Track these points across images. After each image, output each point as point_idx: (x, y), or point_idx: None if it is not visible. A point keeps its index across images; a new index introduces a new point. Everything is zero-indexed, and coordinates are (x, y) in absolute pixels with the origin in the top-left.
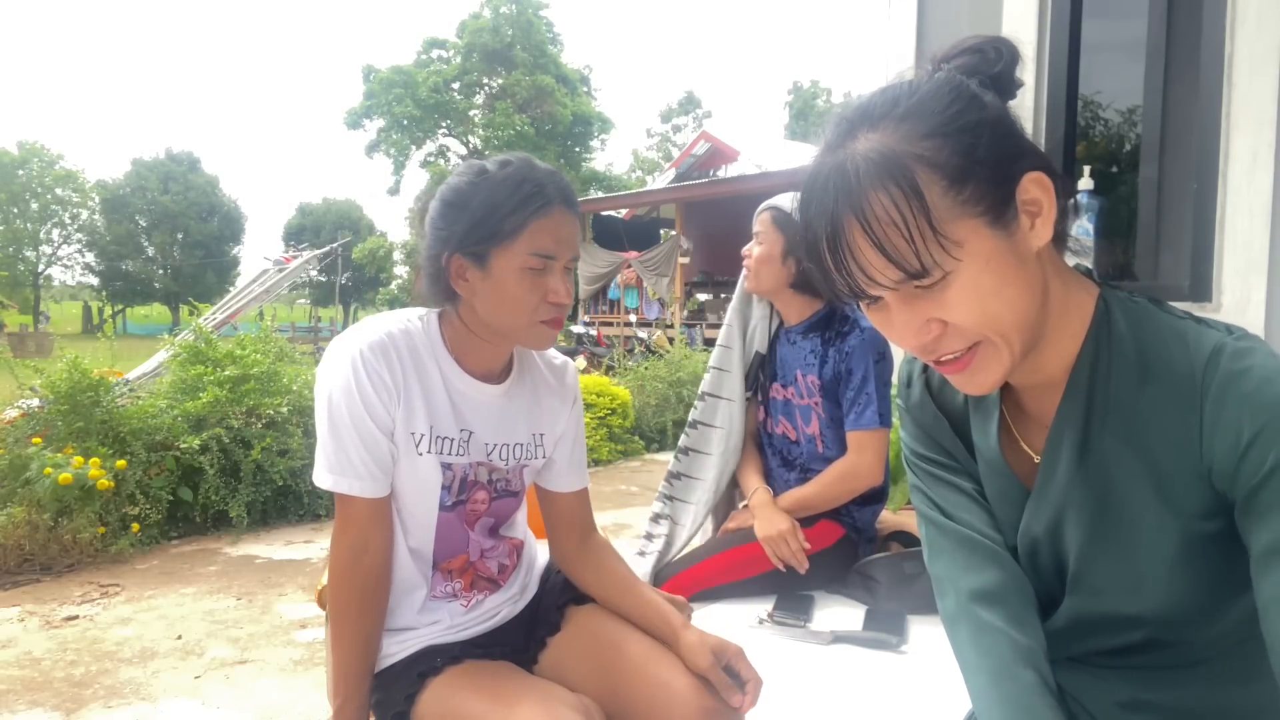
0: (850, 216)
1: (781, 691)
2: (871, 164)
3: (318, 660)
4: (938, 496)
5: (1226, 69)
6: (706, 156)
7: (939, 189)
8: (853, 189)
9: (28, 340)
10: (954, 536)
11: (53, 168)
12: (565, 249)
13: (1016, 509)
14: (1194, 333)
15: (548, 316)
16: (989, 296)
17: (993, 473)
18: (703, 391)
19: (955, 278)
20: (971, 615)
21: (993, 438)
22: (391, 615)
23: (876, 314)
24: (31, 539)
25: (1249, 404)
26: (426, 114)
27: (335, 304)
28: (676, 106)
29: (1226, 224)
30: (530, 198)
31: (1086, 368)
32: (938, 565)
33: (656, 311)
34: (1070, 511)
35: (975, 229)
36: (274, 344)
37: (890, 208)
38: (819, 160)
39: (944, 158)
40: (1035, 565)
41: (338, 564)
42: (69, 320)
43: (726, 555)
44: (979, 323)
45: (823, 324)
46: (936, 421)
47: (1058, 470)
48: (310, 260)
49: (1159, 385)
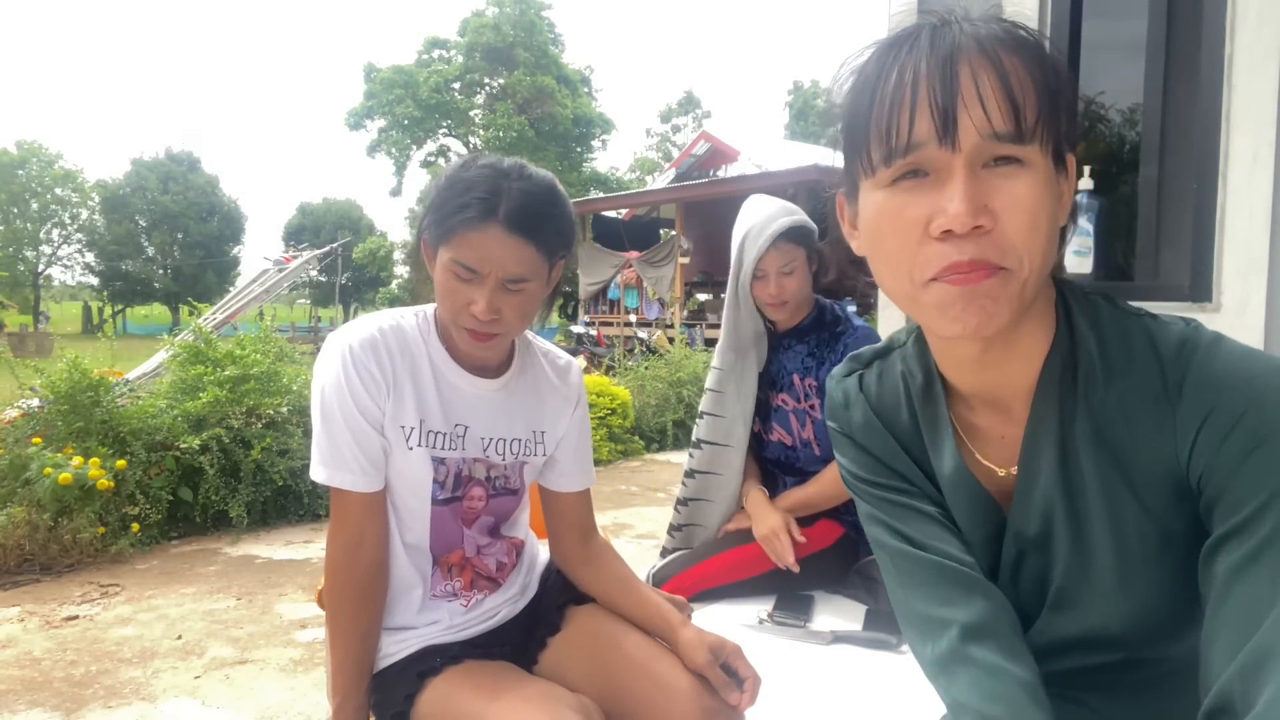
0: (980, 56)
1: (781, 691)
2: (1004, 30)
3: (318, 660)
4: (902, 524)
5: (1226, 69)
6: (706, 156)
7: (1049, 88)
8: (984, 39)
9: (28, 340)
10: (931, 568)
11: (52, 167)
12: (493, 267)
13: (990, 525)
14: (1156, 328)
15: (467, 325)
16: (1042, 214)
17: (961, 491)
18: (698, 439)
19: (1029, 172)
20: (968, 657)
21: (954, 454)
22: (391, 613)
23: (904, 193)
24: (31, 539)
25: (1226, 390)
26: (427, 114)
27: (335, 304)
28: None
29: (1226, 224)
30: (466, 207)
31: (1056, 370)
32: (915, 603)
33: (656, 311)
34: (1056, 521)
35: (1047, 148)
36: (274, 344)
37: (1024, 62)
38: (905, 32)
39: (1041, 76)
40: (1016, 581)
41: (333, 559)
42: (69, 320)
43: (726, 555)
44: (1024, 236)
45: (814, 325)
46: (885, 442)
47: (1038, 479)
48: (310, 260)
49: (1125, 382)
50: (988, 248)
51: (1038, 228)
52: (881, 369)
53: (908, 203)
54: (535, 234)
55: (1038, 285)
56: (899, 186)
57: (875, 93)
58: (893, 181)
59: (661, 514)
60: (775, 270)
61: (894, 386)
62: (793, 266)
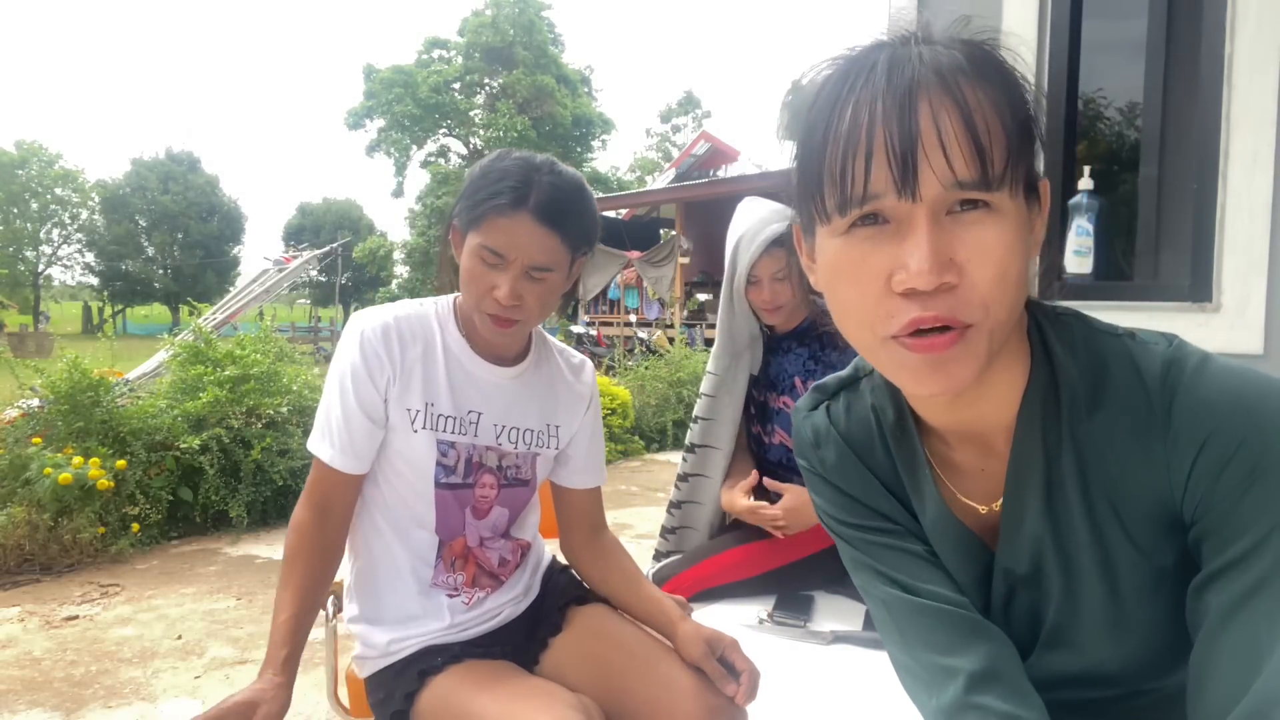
0: (943, 97)
1: (781, 691)
2: (970, 51)
3: (318, 660)
4: (892, 569)
5: (1226, 69)
6: (706, 156)
7: (1016, 121)
8: (945, 71)
9: (28, 340)
10: (928, 614)
11: (52, 167)
12: (519, 254)
13: (978, 565)
14: (1137, 350)
15: (490, 310)
16: (1010, 264)
17: (945, 533)
18: (691, 443)
19: (997, 218)
20: (978, 707)
21: (934, 495)
22: (393, 597)
23: (863, 241)
24: (31, 539)
25: (1221, 416)
26: (427, 113)
27: (335, 304)
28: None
29: (1226, 224)
30: (499, 194)
31: (1037, 403)
32: (915, 652)
33: (656, 311)
34: (1046, 559)
35: (1018, 181)
36: (274, 344)
37: (992, 97)
38: (856, 58)
39: (1009, 109)
40: (1008, 618)
41: (299, 518)
42: (69, 320)
43: (726, 555)
44: (991, 290)
45: (811, 328)
46: (864, 480)
47: (1025, 517)
48: (310, 260)
49: (1109, 411)
50: (954, 305)
51: (1007, 278)
52: (850, 400)
53: (866, 253)
54: (561, 226)
55: (1006, 332)
56: (856, 234)
57: (828, 132)
58: (849, 228)
59: (661, 514)
60: (769, 276)
61: (864, 419)
62: (784, 273)
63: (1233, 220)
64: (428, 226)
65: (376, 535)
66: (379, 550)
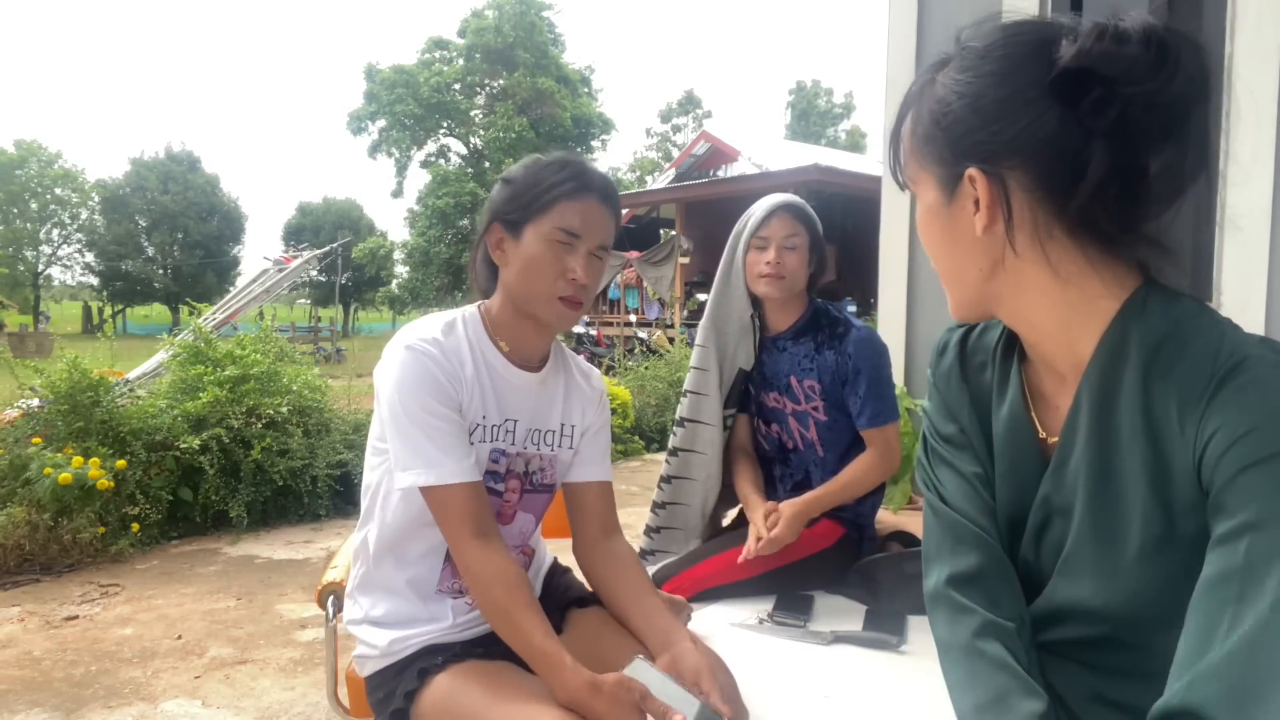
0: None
1: (781, 691)
2: (912, 89)
3: (318, 660)
4: (939, 479)
5: (1226, 69)
6: (706, 156)
7: (918, 133)
8: (909, 104)
9: (28, 340)
10: (945, 520)
11: (51, 167)
12: (592, 233)
13: (1032, 477)
14: (1231, 335)
15: (565, 293)
16: (929, 239)
17: (1011, 444)
18: (681, 417)
19: (918, 205)
20: (948, 597)
21: (1012, 409)
22: (394, 602)
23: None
24: (31, 539)
25: (1247, 407)
26: (428, 113)
27: (335, 304)
28: (676, 106)
29: (1226, 224)
30: (568, 179)
31: (1104, 357)
32: (928, 545)
33: (656, 311)
34: (1080, 493)
35: (927, 180)
36: (274, 344)
37: (905, 126)
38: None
39: (926, 114)
40: (1039, 544)
41: (468, 561)
42: (69, 320)
43: (727, 555)
44: (929, 253)
45: (810, 327)
46: (959, 391)
47: (1074, 448)
48: (310, 260)
49: (1175, 377)
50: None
51: (931, 245)
52: (988, 327)
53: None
54: (616, 209)
55: (961, 289)
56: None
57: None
58: None
59: None
60: (779, 239)
61: (986, 345)
62: (796, 243)
63: (1233, 220)
64: (428, 226)
65: (388, 542)
66: (388, 557)
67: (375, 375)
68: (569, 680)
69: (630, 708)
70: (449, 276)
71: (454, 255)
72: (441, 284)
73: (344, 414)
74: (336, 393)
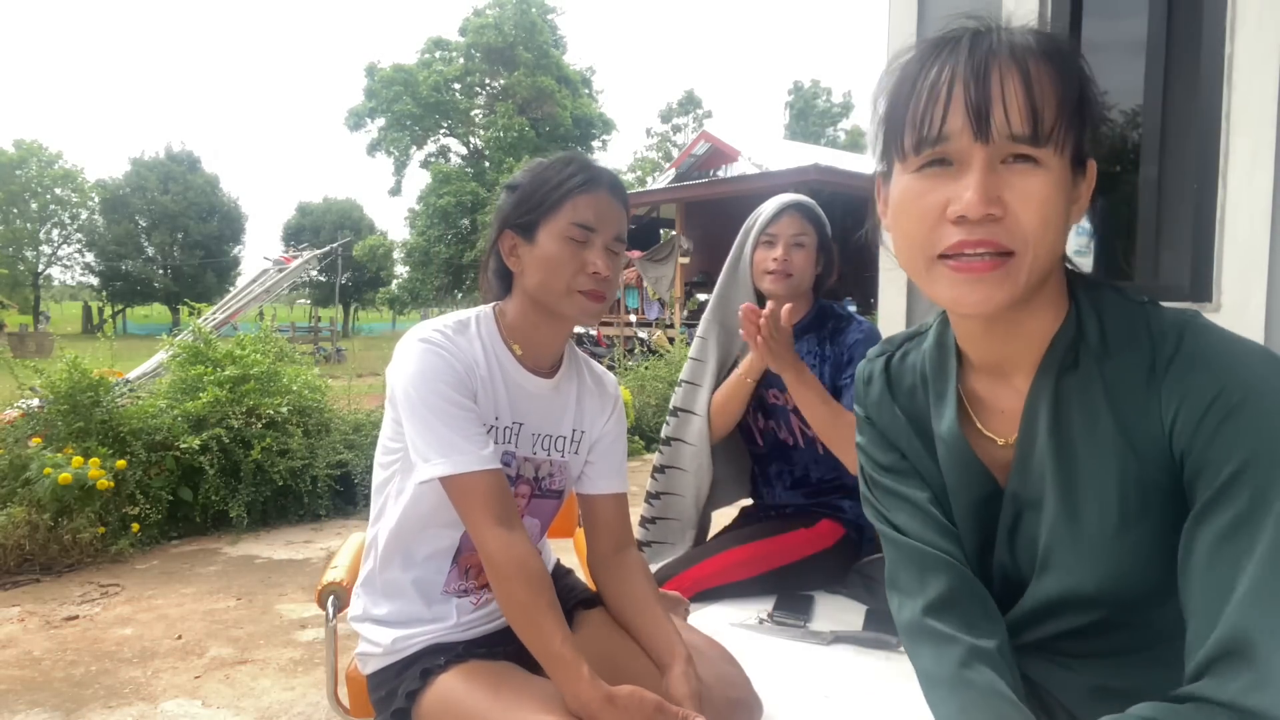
0: (1010, 63)
1: (781, 691)
2: (1040, 39)
3: (318, 660)
4: (890, 512)
5: (1226, 69)
6: (706, 156)
7: (1085, 94)
8: (1017, 48)
9: (28, 340)
10: (906, 550)
11: (51, 167)
12: (606, 226)
13: (980, 490)
14: (1155, 313)
15: (585, 287)
16: (1050, 210)
17: (955, 456)
18: (674, 407)
19: (1042, 172)
20: (927, 628)
21: (953, 421)
22: (399, 604)
23: (928, 179)
24: (31, 539)
25: (1204, 369)
26: (427, 113)
27: (335, 304)
28: (676, 106)
29: (1226, 224)
30: (576, 174)
31: (1060, 347)
32: (894, 578)
33: (656, 311)
34: (1048, 482)
35: (1064, 151)
36: (274, 344)
37: (1050, 73)
38: (944, 34)
39: (1063, 86)
40: (1013, 544)
41: (491, 551)
42: (69, 320)
43: (726, 555)
44: (1033, 227)
45: (815, 324)
46: (893, 418)
47: (1035, 444)
48: (310, 260)
49: (1121, 359)
50: (998, 233)
51: (1046, 221)
52: (909, 350)
53: (930, 188)
54: (625, 202)
55: (1042, 271)
56: (925, 173)
57: (914, 86)
58: (920, 168)
59: None
60: (787, 236)
61: (914, 366)
62: (804, 241)
63: (1233, 220)
64: (428, 226)
65: (396, 542)
66: (395, 557)
67: (388, 373)
68: (584, 692)
69: None
70: (449, 276)
71: (454, 255)
72: (441, 284)
73: (344, 414)
74: (336, 393)
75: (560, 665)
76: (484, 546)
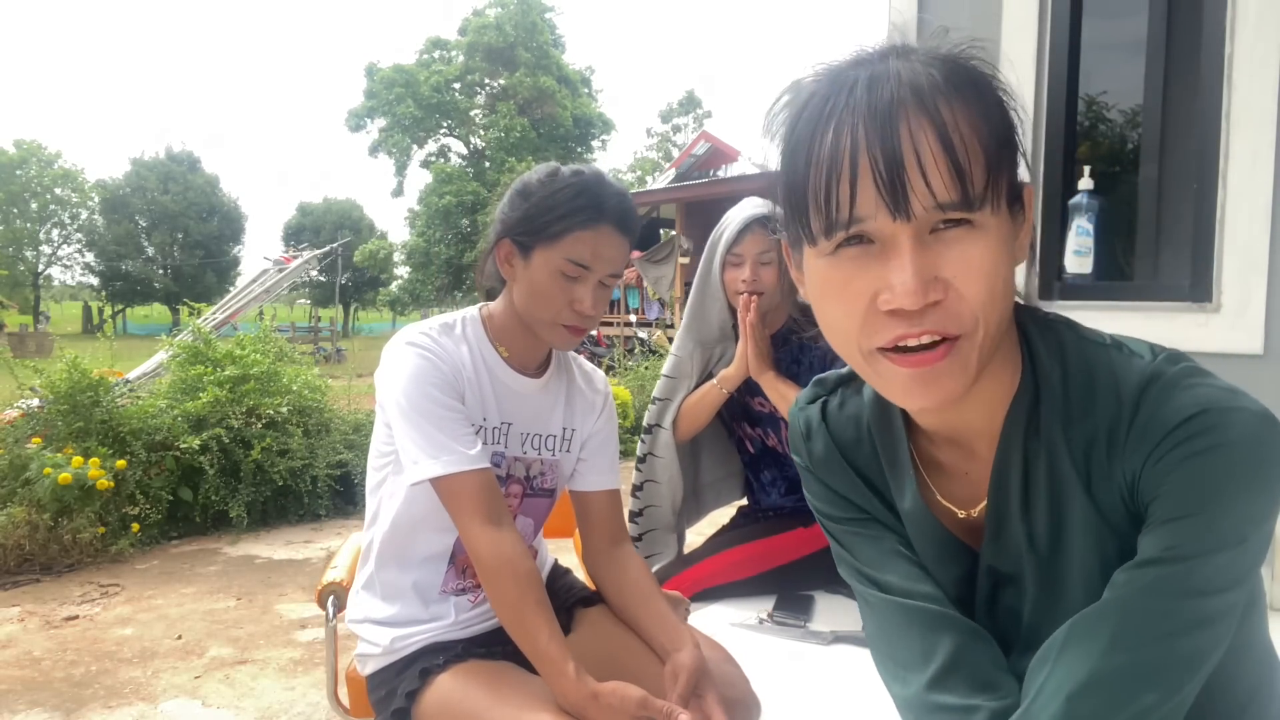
0: (920, 118)
1: (781, 691)
2: (952, 71)
3: (318, 660)
4: (867, 564)
5: (1226, 69)
6: (706, 156)
7: (994, 136)
8: (924, 91)
9: (28, 340)
10: (896, 610)
11: (51, 167)
12: (602, 265)
13: (958, 565)
14: (1120, 363)
15: (569, 322)
16: (996, 277)
17: (924, 533)
18: (648, 424)
19: (979, 234)
20: (938, 706)
21: (915, 494)
22: (397, 605)
23: (848, 262)
24: (31, 539)
25: (1167, 428)
26: (428, 113)
27: (335, 304)
28: (676, 106)
29: (1226, 224)
30: (582, 209)
31: (1022, 412)
32: (887, 650)
33: (657, 311)
34: (1025, 559)
35: (999, 203)
36: (274, 344)
37: (969, 115)
38: (836, 74)
39: (986, 126)
40: (993, 614)
41: (480, 550)
42: (69, 320)
43: (725, 555)
44: (980, 302)
45: (795, 330)
46: (845, 476)
47: (1009, 518)
48: (310, 260)
49: (1087, 424)
50: (943, 319)
51: (993, 289)
52: (845, 397)
53: (852, 274)
54: (632, 232)
55: (995, 343)
56: (842, 255)
57: (811, 155)
58: (835, 249)
59: None
60: (753, 255)
61: (855, 416)
62: (771, 257)
63: (1233, 220)
64: (428, 226)
65: (392, 546)
66: (392, 561)
67: (376, 378)
68: (569, 690)
69: (626, 717)
70: (449, 277)
71: (454, 255)
72: (442, 284)
73: (344, 414)
74: (336, 393)
75: (546, 663)
76: (473, 546)
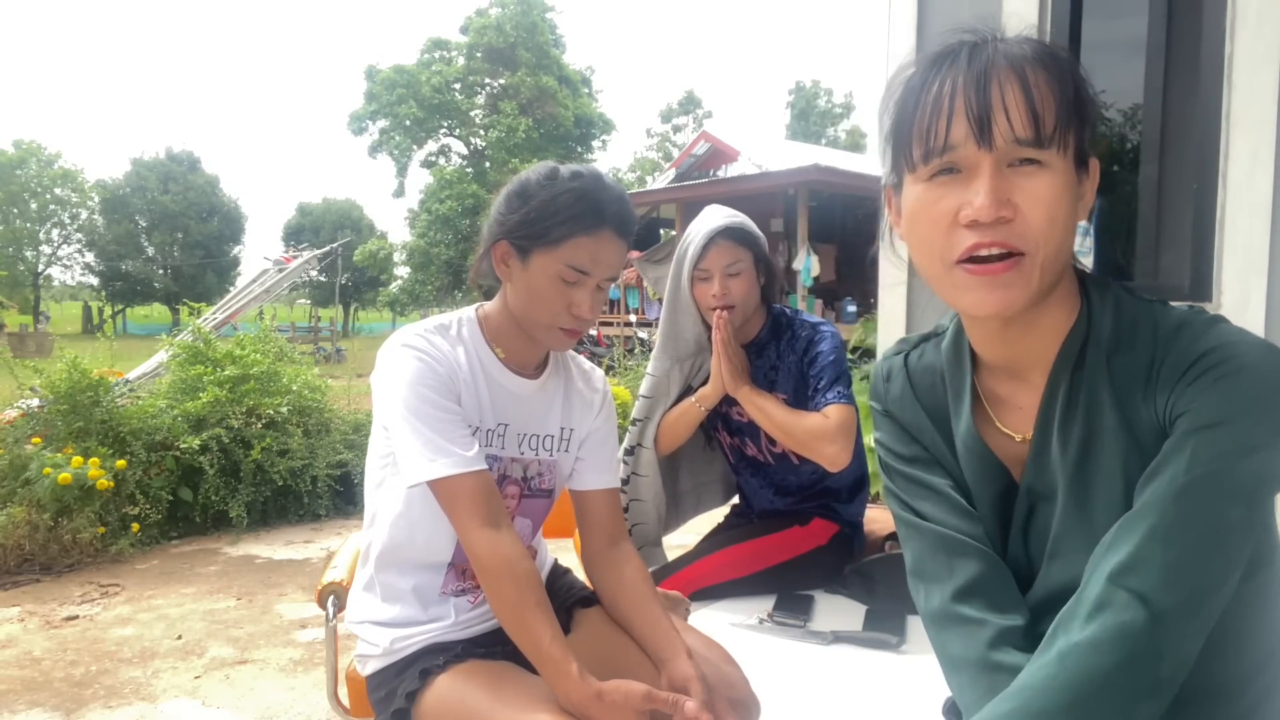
0: (1009, 72)
1: (781, 691)
2: (1035, 47)
3: (318, 660)
4: (912, 499)
5: (1226, 69)
6: (706, 156)
7: (1081, 94)
8: (1014, 57)
9: (28, 340)
10: (930, 536)
11: (51, 167)
12: (601, 269)
13: (998, 484)
14: (1162, 314)
15: (567, 325)
16: (1058, 209)
17: (972, 453)
18: (629, 446)
19: (1048, 173)
20: (955, 614)
21: (969, 419)
22: (397, 607)
23: (939, 187)
24: (31, 539)
25: (1192, 360)
26: (429, 114)
27: (335, 304)
28: (676, 106)
29: (1226, 224)
30: (583, 214)
31: (1074, 346)
32: (919, 566)
33: (657, 311)
34: (1060, 477)
35: (1067, 152)
36: (273, 344)
37: (1047, 79)
38: (943, 48)
39: (1061, 89)
40: (1027, 535)
41: (479, 552)
42: (69, 320)
43: (725, 553)
44: (1042, 227)
45: (771, 336)
46: (915, 413)
47: (1051, 438)
48: (310, 260)
49: (1125, 359)
50: (1010, 235)
51: (1054, 218)
52: (925, 349)
53: (941, 195)
54: (630, 234)
55: (1055, 270)
56: (935, 182)
57: (918, 101)
58: (930, 177)
59: None
60: (720, 269)
61: (931, 365)
62: (739, 268)
63: (1233, 220)
64: (428, 228)
65: (390, 550)
66: (391, 564)
67: (372, 380)
68: (573, 690)
69: (631, 714)
70: (449, 277)
71: (455, 257)
72: (442, 284)
73: (344, 414)
74: (336, 393)
75: (550, 664)
76: (471, 548)
